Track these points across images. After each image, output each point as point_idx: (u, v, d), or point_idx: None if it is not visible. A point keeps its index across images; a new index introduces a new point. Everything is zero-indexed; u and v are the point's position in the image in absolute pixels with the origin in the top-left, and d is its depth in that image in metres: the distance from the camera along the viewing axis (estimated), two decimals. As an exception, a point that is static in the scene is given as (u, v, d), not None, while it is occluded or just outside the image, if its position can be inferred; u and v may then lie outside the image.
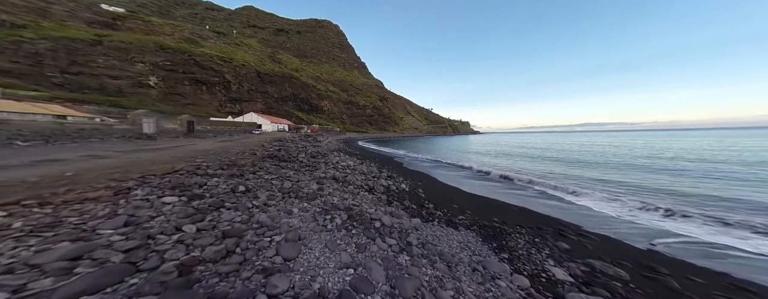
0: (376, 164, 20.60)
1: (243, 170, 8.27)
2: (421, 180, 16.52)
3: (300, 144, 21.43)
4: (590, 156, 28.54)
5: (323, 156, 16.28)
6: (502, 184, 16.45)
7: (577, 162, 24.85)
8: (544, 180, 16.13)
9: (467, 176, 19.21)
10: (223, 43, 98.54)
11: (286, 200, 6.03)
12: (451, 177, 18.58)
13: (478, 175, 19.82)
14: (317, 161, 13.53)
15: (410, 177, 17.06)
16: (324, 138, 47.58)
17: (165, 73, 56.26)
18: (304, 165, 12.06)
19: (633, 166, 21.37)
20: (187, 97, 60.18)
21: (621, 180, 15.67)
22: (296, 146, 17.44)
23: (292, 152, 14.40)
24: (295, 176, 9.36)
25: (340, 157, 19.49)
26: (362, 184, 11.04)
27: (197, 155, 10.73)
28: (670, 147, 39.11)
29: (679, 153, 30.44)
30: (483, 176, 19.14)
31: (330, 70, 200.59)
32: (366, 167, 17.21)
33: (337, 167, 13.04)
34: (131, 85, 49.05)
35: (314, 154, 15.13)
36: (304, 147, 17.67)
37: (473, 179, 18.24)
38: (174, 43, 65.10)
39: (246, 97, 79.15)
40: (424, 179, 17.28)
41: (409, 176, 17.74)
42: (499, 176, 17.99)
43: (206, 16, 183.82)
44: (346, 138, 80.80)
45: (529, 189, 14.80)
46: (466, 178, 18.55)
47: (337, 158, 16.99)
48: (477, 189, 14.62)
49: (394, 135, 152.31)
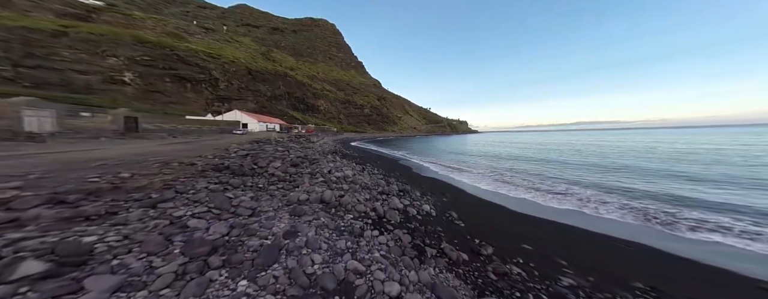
0: (380, 171, 16.07)
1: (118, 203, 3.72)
2: (445, 193, 12.05)
3: (283, 147, 16.85)
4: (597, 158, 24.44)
5: (312, 163, 11.73)
6: (540, 195, 11.97)
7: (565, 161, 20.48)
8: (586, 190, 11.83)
9: (497, 183, 14.76)
10: (211, 40, 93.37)
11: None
12: (480, 188, 14.11)
13: (511, 180, 15.32)
14: (300, 172, 8.97)
15: (428, 189, 12.56)
16: (318, 139, 42.98)
17: (143, 68, 51.23)
18: (277, 180, 7.52)
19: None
20: (169, 95, 55.18)
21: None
22: (275, 150, 12.95)
23: (262, 160, 9.83)
24: (248, 205, 4.81)
25: (335, 162, 14.98)
26: (366, 209, 6.49)
27: (61, 170, 6.15)
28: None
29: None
30: (517, 183, 14.62)
31: (326, 70, 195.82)
32: (369, 176, 12.71)
33: (328, 181, 8.51)
34: (102, 81, 44.01)
35: (297, 161, 10.60)
36: (285, 151, 13.12)
37: (510, 186, 13.81)
38: (154, 37, 60.03)
39: (236, 95, 74.17)
40: (447, 191, 12.78)
41: (427, 186, 13.27)
42: (528, 189, 13.42)
43: (198, 14, 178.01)
44: (344, 138, 76.19)
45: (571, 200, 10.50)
46: (497, 186, 14.10)
47: (331, 165, 12.46)
48: (531, 207, 10.18)
49: (393, 135, 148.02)
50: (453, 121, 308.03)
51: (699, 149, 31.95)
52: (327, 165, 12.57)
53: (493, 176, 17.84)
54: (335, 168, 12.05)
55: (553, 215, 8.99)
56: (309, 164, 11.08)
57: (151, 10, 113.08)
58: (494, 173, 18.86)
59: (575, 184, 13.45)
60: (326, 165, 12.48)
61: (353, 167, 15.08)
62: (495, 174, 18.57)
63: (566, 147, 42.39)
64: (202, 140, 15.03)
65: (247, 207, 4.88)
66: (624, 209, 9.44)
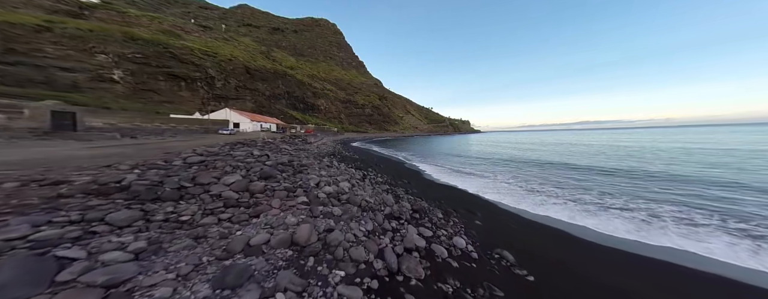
0: (385, 178, 13.43)
1: None
2: (474, 211, 9.36)
3: (266, 150, 14.21)
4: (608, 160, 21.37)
5: (297, 172, 9.13)
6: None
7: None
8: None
9: (533, 195, 11.87)
10: (209, 38, 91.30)
11: None
12: (516, 204, 11.26)
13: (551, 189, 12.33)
14: (270, 189, 6.32)
15: (450, 204, 9.90)
16: (317, 139, 40.42)
17: (134, 66, 49.02)
18: (223, 207, 4.84)
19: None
20: (162, 93, 52.95)
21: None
22: (248, 154, 10.30)
23: (215, 170, 7.17)
24: (113, 274, 1.91)
25: (330, 168, 12.36)
26: (368, 256, 3.77)
27: None
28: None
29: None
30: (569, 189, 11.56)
31: (327, 69, 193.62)
32: (371, 187, 10.09)
33: (313, 200, 5.88)
34: (90, 79, 41.81)
35: (272, 171, 7.96)
36: (264, 155, 10.49)
37: (551, 200, 11.04)
38: (148, 35, 57.87)
39: (233, 94, 71.93)
40: (475, 207, 10.06)
41: (447, 200, 10.61)
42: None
43: (199, 15, 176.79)
44: (344, 139, 73.62)
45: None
46: (535, 200, 11.30)
47: (323, 173, 9.86)
48: (607, 239, 7.39)
49: (395, 135, 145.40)
50: (455, 120, 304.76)
51: (740, 148, 28.98)
52: (318, 173, 9.95)
53: (518, 182, 15.13)
54: (328, 178, 9.42)
55: (645, 251, 6.25)
56: (291, 174, 8.46)
57: (151, 10, 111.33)
58: (516, 179, 16.15)
59: (636, 198, 10.61)
60: (317, 173, 9.86)
61: (352, 174, 12.46)
62: (518, 179, 15.87)
63: (583, 148, 39.50)
64: (163, 142, 12.40)
65: (105, 280, 2.25)
66: (740, 239, 6.60)
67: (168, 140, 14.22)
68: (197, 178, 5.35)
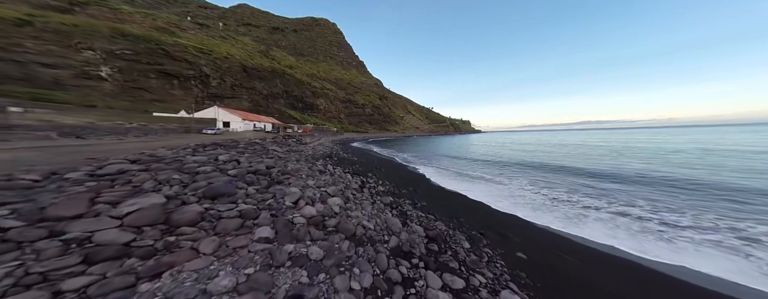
0: (388, 186, 11.31)
1: None
2: (504, 232, 7.23)
3: (236, 154, 12.04)
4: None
5: (273, 184, 7.01)
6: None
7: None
8: None
9: (565, 207, 9.67)
10: (205, 36, 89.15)
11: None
12: (551, 222, 9.06)
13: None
14: (212, 216, 4.09)
15: (472, 221, 7.78)
16: (313, 139, 38.26)
17: (124, 63, 46.88)
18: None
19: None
20: (154, 92, 50.79)
21: None
22: (208, 159, 8.13)
23: (90, 196, 5.01)
24: None
25: (324, 174, 10.23)
26: None
27: None
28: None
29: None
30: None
31: (327, 69, 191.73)
32: (371, 202, 7.98)
33: (281, 237, 3.66)
34: (74, 76, 39.65)
35: (219, 191, 5.83)
36: (231, 162, 8.26)
37: (597, 216, 8.85)
38: (139, 31, 55.74)
39: (229, 93, 69.78)
40: (505, 227, 7.91)
41: (467, 216, 8.51)
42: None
43: (198, 14, 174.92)
44: (343, 139, 71.44)
45: None
46: (568, 214, 9.13)
47: (310, 183, 7.73)
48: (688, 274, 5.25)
49: (395, 135, 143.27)
50: (456, 120, 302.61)
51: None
52: (303, 183, 7.81)
53: (539, 189, 12.99)
54: (316, 190, 7.28)
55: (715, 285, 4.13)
56: (264, 187, 6.30)
57: (149, 9, 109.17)
58: (535, 185, 14.02)
59: (717, 215, 8.41)
60: (302, 183, 7.72)
61: (348, 183, 10.30)
62: (538, 186, 13.73)
63: (597, 150, 37.34)
64: (112, 144, 10.00)
65: None
66: None
67: (124, 141, 12.03)
68: (55, 208, 3.11)
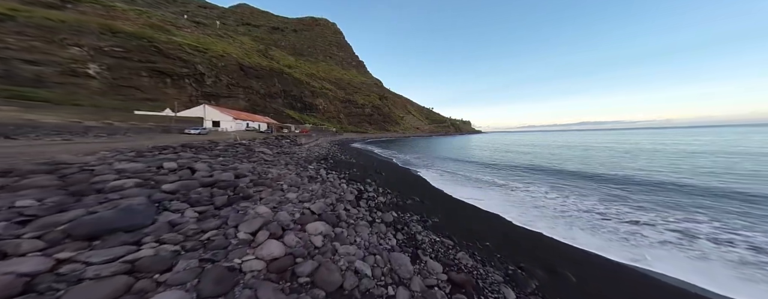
0: (390, 197, 9.35)
1: None
2: (551, 267, 5.34)
3: (155, 164, 10.15)
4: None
5: (234, 202, 5.04)
6: None
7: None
8: None
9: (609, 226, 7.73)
10: (202, 34, 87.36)
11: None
12: (597, 237, 7.11)
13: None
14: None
15: (502, 246, 5.80)
16: (310, 140, 36.39)
17: (113, 60, 45.04)
18: None
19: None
20: (146, 90, 48.94)
21: None
22: (145, 168, 6.28)
23: None
24: None
25: (314, 181, 8.35)
26: None
27: None
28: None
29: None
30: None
31: (327, 69, 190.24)
32: (370, 223, 6.05)
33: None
34: (60, 73, 37.80)
35: (109, 223, 4.03)
36: (181, 170, 6.36)
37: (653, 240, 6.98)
38: (131, 28, 53.94)
39: (225, 92, 67.92)
40: (556, 255, 6.02)
41: (494, 239, 6.59)
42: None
43: (197, 14, 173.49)
44: (342, 140, 69.56)
45: None
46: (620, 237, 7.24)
47: (293, 195, 5.76)
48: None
49: (395, 135, 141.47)
50: (456, 121, 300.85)
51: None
52: (279, 197, 5.94)
53: (564, 198, 11.12)
54: (292, 210, 5.42)
55: None
56: (216, 208, 4.44)
57: (147, 7, 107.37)
58: (560, 194, 12.15)
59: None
60: (277, 198, 5.85)
61: (341, 193, 8.41)
62: (561, 194, 11.86)
63: (602, 150, 35.54)
64: (46, 145, 8.17)
65: None
66: None
67: (72, 142, 10.11)
68: None
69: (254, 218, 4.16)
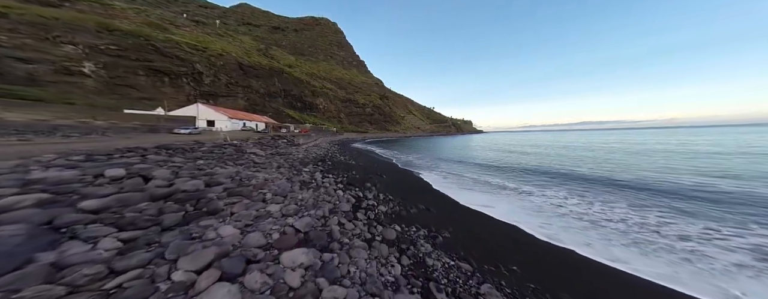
0: (393, 208, 8.16)
1: None
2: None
3: (94, 172, 9.01)
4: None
5: (194, 220, 3.80)
6: None
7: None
8: None
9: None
10: (201, 33, 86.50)
11: None
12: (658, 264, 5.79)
13: None
14: None
15: (531, 273, 4.42)
16: (308, 140, 35.29)
17: (109, 59, 44.13)
18: None
19: None
20: (142, 89, 48.01)
21: None
22: (76, 177, 5.27)
23: None
24: None
25: (307, 188, 7.18)
26: None
27: None
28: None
29: None
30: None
31: (328, 68, 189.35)
32: (367, 243, 4.82)
33: None
34: (54, 71, 36.89)
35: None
36: (131, 177, 5.31)
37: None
38: (128, 26, 53.07)
39: (223, 91, 66.97)
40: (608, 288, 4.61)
41: (521, 261, 5.36)
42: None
43: (198, 13, 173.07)
44: (342, 140, 68.47)
45: None
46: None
47: (275, 208, 4.56)
48: None
49: (396, 135, 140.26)
50: (457, 120, 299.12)
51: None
52: (258, 212, 4.82)
53: (588, 206, 9.92)
54: (270, 229, 4.28)
55: None
56: (157, 233, 3.27)
57: (146, 6, 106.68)
58: (574, 199, 10.92)
59: None
60: (258, 211, 4.73)
61: (337, 201, 7.26)
62: (583, 202, 10.63)
63: (611, 151, 34.25)
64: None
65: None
66: None
67: (30, 143, 9.03)
68: None
69: (205, 249, 3.02)
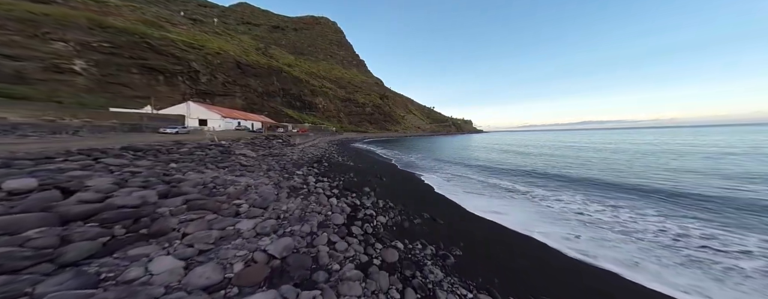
0: (394, 218, 7.63)
1: None
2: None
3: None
4: None
5: (113, 250, 2.70)
6: None
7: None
8: None
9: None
10: (198, 31, 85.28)
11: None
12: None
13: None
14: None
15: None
16: (306, 140, 34.18)
17: (102, 56, 42.94)
18: None
19: None
20: (136, 88, 46.82)
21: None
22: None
23: None
24: None
25: (294, 197, 6.01)
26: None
27: None
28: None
29: None
30: None
31: (328, 68, 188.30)
32: (367, 280, 3.64)
33: None
34: (43, 69, 35.70)
35: None
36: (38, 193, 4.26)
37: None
38: (121, 23, 51.87)
39: (220, 90, 65.77)
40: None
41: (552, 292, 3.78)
42: None
43: (196, 12, 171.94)
44: (342, 139, 67.35)
45: None
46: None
47: (247, 226, 3.34)
48: None
49: (397, 135, 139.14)
50: (458, 120, 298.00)
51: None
52: (222, 233, 3.67)
53: (612, 212, 8.81)
54: (227, 265, 3.11)
55: None
56: (39, 276, 2.09)
57: (144, 5, 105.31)
58: (602, 208, 9.81)
59: None
60: (213, 233, 3.58)
61: (328, 212, 6.13)
62: (608, 209, 9.51)
63: (617, 152, 33.19)
64: None
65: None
66: None
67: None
68: None
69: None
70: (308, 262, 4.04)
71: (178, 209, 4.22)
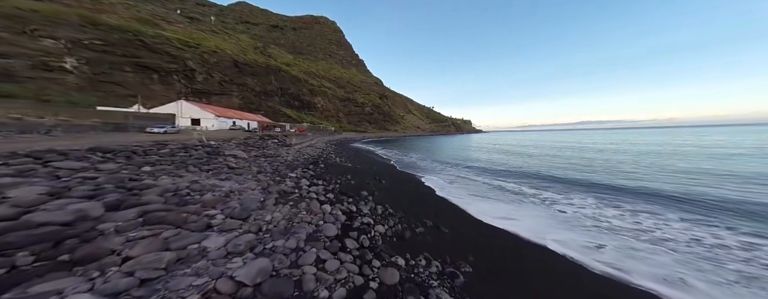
0: (394, 227, 6.79)
1: None
2: None
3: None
4: None
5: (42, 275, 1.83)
6: None
7: None
8: None
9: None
10: (194, 30, 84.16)
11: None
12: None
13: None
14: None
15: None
16: (303, 140, 33.35)
17: (94, 54, 41.89)
18: None
19: None
20: (129, 86, 45.75)
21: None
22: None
23: None
24: None
25: (283, 203, 5.28)
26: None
27: None
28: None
29: None
30: None
31: (327, 68, 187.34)
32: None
33: None
34: (31, 67, 34.66)
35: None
36: None
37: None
38: (115, 20, 50.79)
39: (217, 89, 64.75)
40: None
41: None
42: None
43: (194, 11, 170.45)
44: (341, 139, 66.49)
45: None
46: None
47: (215, 246, 2.64)
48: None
49: (396, 135, 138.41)
50: (457, 120, 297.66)
51: None
52: (180, 254, 2.85)
53: (633, 217, 8.08)
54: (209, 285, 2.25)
55: None
56: None
57: (142, 3, 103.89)
58: (619, 213, 9.09)
59: None
60: (178, 255, 2.75)
61: (320, 223, 5.32)
62: (626, 214, 8.78)
63: (621, 153, 32.62)
64: None
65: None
66: None
67: None
68: None
69: None
70: (289, 289, 3.26)
71: (129, 224, 3.42)
